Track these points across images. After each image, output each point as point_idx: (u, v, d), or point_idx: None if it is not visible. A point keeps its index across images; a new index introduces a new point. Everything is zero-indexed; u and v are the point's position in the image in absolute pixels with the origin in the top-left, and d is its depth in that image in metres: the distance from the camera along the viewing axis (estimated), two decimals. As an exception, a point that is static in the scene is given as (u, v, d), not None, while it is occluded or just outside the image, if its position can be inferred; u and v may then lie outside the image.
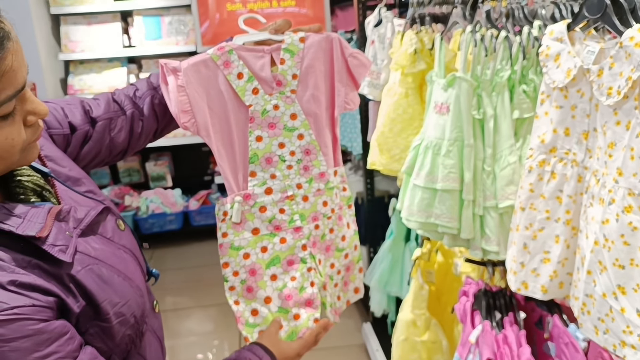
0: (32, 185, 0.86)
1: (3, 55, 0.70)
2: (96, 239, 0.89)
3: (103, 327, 0.83)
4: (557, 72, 0.98)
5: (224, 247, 1.26)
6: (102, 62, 4.16)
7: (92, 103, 1.17)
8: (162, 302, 3.81)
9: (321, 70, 1.26)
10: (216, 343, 3.13)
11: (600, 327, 0.90)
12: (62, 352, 0.75)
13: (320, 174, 1.27)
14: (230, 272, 1.27)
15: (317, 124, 1.26)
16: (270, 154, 1.23)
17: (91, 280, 0.82)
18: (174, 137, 4.14)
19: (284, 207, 1.25)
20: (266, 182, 1.23)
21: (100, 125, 1.15)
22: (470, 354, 1.44)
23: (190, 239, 4.31)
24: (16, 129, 0.75)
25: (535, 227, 1.05)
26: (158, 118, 1.24)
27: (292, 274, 1.26)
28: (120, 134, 1.18)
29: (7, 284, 0.72)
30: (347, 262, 1.35)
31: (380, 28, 2.24)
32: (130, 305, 0.87)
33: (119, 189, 4.34)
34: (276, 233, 1.24)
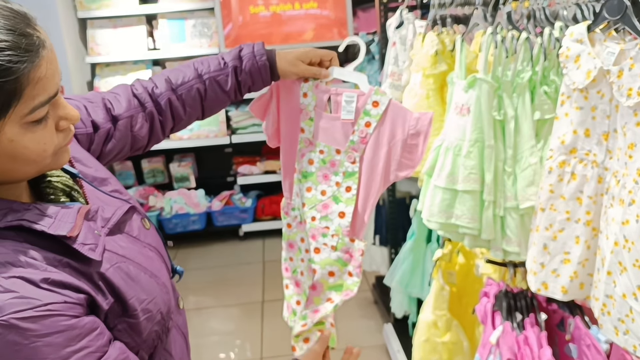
0: (61, 185, 0.89)
1: (38, 62, 0.72)
2: (123, 238, 0.91)
3: (130, 324, 0.85)
4: (577, 74, 0.98)
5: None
6: (127, 64, 4.24)
7: (112, 100, 1.18)
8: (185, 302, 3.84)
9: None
10: (238, 342, 3.16)
11: (620, 328, 0.90)
12: (93, 346, 0.77)
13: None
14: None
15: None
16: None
17: (119, 277, 0.84)
18: (198, 139, 4.19)
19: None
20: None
21: (122, 123, 1.17)
22: (491, 355, 1.44)
23: (213, 239, 4.35)
24: (48, 133, 0.78)
25: (556, 228, 1.05)
26: (175, 118, 1.26)
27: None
28: (141, 130, 1.20)
29: (40, 282, 0.74)
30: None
31: (401, 29, 2.25)
32: (157, 302, 0.90)
33: (143, 189, 4.40)
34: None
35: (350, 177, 1.30)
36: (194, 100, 1.26)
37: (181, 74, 1.26)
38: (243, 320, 3.32)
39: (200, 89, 1.26)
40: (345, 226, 1.30)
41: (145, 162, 4.47)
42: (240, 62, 1.27)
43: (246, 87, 1.30)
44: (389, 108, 1.28)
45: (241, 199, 4.43)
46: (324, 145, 1.32)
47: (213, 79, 1.26)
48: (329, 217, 1.32)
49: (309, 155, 1.33)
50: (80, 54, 4.12)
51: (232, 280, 3.79)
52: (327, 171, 1.33)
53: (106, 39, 4.14)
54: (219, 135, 4.21)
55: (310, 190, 1.34)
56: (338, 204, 1.31)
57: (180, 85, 1.25)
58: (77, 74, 4.02)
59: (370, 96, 1.29)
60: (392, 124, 1.29)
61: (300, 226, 1.37)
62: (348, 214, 1.30)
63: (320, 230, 1.33)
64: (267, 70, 1.27)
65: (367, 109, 1.28)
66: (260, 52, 1.27)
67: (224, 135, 4.21)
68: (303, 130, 1.33)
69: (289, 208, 1.38)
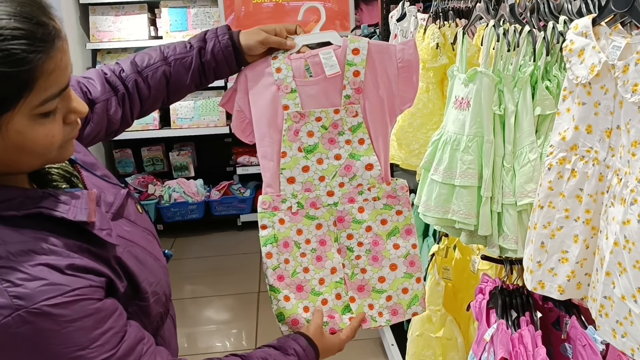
0: (62, 172, 0.89)
1: (54, 53, 0.70)
2: (125, 222, 0.92)
3: (141, 306, 0.88)
4: (581, 68, 0.95)
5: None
6: (129, 51, 4.21)
7: (87, 84, 1.18)
8: (182, 291, 3.86)
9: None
10: (234, 332, 3.16)
11: (618, 330, 0.88)
12: (117, 326, 0.80)
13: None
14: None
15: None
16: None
17: (132, 261, 0.86)
18: (198, 128, 4.17)
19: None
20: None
21: (99, 106, 1.17)
22: (485, 352, 1.43)
23: (211, 228, 4.35)
24: (56, 126, 0.76)
25: (554, 226, 1.03)
26: (141, 101, 1.26)
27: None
28: (116, 114, 1.20)
29: (66, 268, 0.75)
30: (391, 304, 1.34)
31: (403, 22, 2.22)
32: (162, 284, 0.92)
33: (142, 177, 4.38)
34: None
35: (357, 130, 1.29)
36: (159, 82, 1.25)
37: (147, 57, 1.26)
38: (239, 309, 3.32)
39: (165, 71, 1.25)
40: (378, 175, 1.30)
41: (144, 150, 4.46)
42: (205, 43, 1.27)
43: (211, 70, 1.28)
44: (371, 50, 1.27)
45: (240, 189, 4.42)
46: (320, 111, 1.29)
47: (178, 60, 1.25)
48: (357, 175, 1.30)
49: (305, 128, 1.29)
50: (82, 40, 4.09)
51: (229, 270, 3.79)
52: (331, 135, 1.29)
53: (108, 26, 4.12)
54: (218, 125, 4.19)
55: (322, 162, 1.30)
56: (359, 159, 1.29)
57: (145, 68, 1.24)
58: (78, 59, 4.00)
59: (347, 46, 1.26)
60: (380, 64, 1.27)
61: (295, 217, 1.32)
62: (374, 162, 1.30)
63: (355, 190, 1.31)
64: (230, 48, 1.25)
65: (349, 59, 1.26)
66: (223, 31, 1.27)
67: (224, 125, 4.18)
68: (287, 106, 1.28)
69: (278, 201, 1.33)
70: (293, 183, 1.31)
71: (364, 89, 1.27)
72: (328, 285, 1.33)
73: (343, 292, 1.34)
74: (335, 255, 1.33)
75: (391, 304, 1.33)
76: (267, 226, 1.33)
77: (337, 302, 1.33)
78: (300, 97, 1.28)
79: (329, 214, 1.32)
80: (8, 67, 0.66)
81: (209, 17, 4.15)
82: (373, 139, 1.30)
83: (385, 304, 1.33)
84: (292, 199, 1.32)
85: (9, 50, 0.66)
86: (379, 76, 1.28)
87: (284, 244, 1.33)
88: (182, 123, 4.17)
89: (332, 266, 1.33)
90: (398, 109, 1.32)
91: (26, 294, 0.71)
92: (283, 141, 1.29)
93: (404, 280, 1.33)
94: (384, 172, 1.31)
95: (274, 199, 1.32)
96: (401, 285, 1.33)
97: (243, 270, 3.71)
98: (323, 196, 1.31)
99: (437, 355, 1.91)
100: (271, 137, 1.31)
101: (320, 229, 1.33)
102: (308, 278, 1.32)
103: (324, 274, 1.33)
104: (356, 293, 1.33)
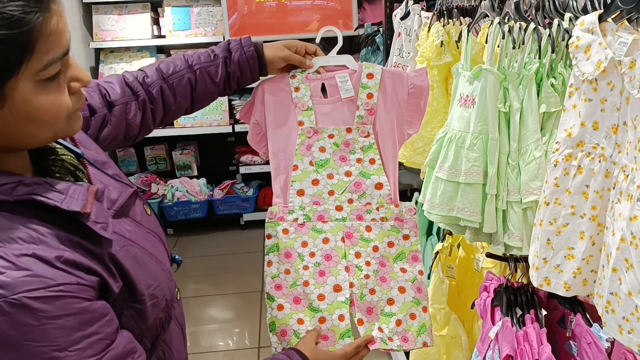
0: (67, 164, 0.87)
1: (49, 15, 0.70)
2: (128, 221, 0.89)
3: (137, 309, 0.83)
4: (587, 64, 0.95)
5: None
6: (131, 51, 4.22)
7: (107, 87, 1.20)
8: (185, 289, 3.86)
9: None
10: (237, 331, 3.16)
11: (624, 327, 0.88)
12: (103, 333, 0.74)
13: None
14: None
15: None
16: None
17: (128, 261, 0.82)
18: (201, 127, 4.18)
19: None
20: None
21: (117, 109, 1.18)
22: (490, 350, 1.42)
23: (214, 227, 4.36)
24: (62, 94, 0.75)
25: (560, 223, 1.02)
26: (165, 107, 1.28)
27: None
28: (135, 118, 1.22)
29: (54, 260, 0.71)
30: (400, 329, 1.31)
31: (407, 21, 2.22)
32: (162, 288, 0.88)
33: (145, 176, 4.39)
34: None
35: (369, 150, 1.32)
36: (184, 89, 1.28)
37: (172, 64, 1.28)
38: (242, 308, 3.32)
39: (191, 78, 1.28)
40: (387, 195, 1.32)
41: (147, 149, 4.46)
42: (230, 53, 1.31)
43: (235, 79, 1.32)
44: (384, 75, 1.33)
45: (243, 188, 4.42)
46: (333, 129, 1.33)
47: (204, 69, 1.29)
48: (366, 193, 1.32)
49: (318, 144, 1.33)
50: (85, 39, 4.10)
51: (232, 269, 3.79)
52: (342, 153, 1.33)
53: (111, 25, 4.13)
54: (221, 124, 4.19)
55: (332, 177, 1.33)
56: (370, 178, 1.32)
57: (171, 75, 1.27)
58: (81, 58, 4.01)
59: (362, 71, 1.33)
60: (392, 88, 1.33)
61: (301, 229, 1.32)
62: (384, 182, 1.32)
63: (364, 209, 1.32)
64: (255, 60, 1.30)
65: (363, 82, 1.32)
66: (248, 42, 1.31)
67: (227, 124, 4.19)
68: (302, 123, 1.33)
69: (285, 212, 1.33)
70: (302, 195, 1.32)
71: (376, 111, 1.32)
72: (330, 304, 1.30)
73: (347, 313, 1.31)
74: (341, 272, 1.32)
75: (401, 329, 1.31)
76: (271, 235, 1.34)
77: (339, 324, 1.29)
78: (315, 115, 1.33)
79: (337, 228, 1.33)
80: (8, 30, 0.65)
81: (212, 16, 4.15)
82: (384, 160, 1.33)
83: (395, 329, 1.30)
84: (300, 211, 1.33)
85: (7, 13, 0.65)
86: (390, 100, 1.33)
87: (285, 254, 1.32)
88: (185, 122, 4.17)
89: (335, 283, 1.30)
90: (406, 133, 1.37)
91: (7, 283, 0.66)
92: (295, 155, 1.33)
93: (412, 305, 1.32)
94: (393, 194, 1.33)
95: (281, 209, 1.34)
96: (409, 310, 1.32)
97: (246, 269, 3.71)
98: (332, 210, 1.33)
99: (441, 354, 1.91)
100: (285, 151, 1.35)
101: (327, 243, 1.32)
102: (307, 292, 1.30)
103: (324, 290, 1.30)
104: (365, 315, 1.30)
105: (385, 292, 1.31)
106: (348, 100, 1.32)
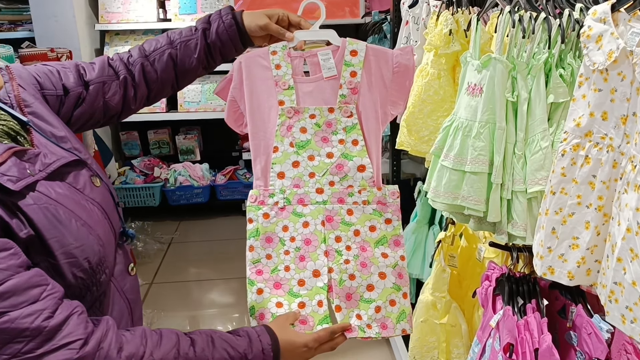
0: (6, 129, 0.93)
1: None
2: (62, 185, 0.95)
3: (52, 264, 0.89)
4: (598, 54, 0.95)
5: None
6: (137, 33, 4.21)
7: (87, 67, 1.25)
8: (186, 273, 3.88)
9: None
10: (236, 316, 3.18)
11: (627, 316, 0.88)
12: (4, 264, 0.81)
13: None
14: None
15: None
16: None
17: (42, 216, 0.88)
18: (205, 112, 4.17)
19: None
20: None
21: (93, 88, 1.22)
22: (490, 338, 1.43)
23: (216, 213, 4.36)
24: None
25: (565, 212, 1.03)
26: (148, 84, 1.30)
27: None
28: (114, 97, 1.25)
29: None
30: (379, 316, 1.29)
31: (415, 9, 2.20)
32: (85, 250, 0.93)
33: (148, 160, 4.39)
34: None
35: (351, 130, 1.28)
36: (166, 65, 1.30)
37: (154, 42, 1.32)
38: (242, 294, 3.30)
39: (172, 53, 1.30)
40: (370, 177, 1.29)
41: (151, 133, 4.46)
42: (209, 25, 1.32)
43: (217, 51, 1.33)
44: (368, 52, 1.28)
45: (245, 174, 4.43)
46: (314, 109, 1.29)
47: (184, 43, 1.31)
48: (348, 175, 1.29)
49: (299, 124, 1.29)
50: (90, 21, 4.08)
51: (233, 254, 3.80)
52: (324, 133, 1.29)
53: (117, 8, 4.11)
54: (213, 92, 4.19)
55: (313, 159, 1.29)
56: (352, 160, 1.28)
57: (152, 52, 1.30)
58: (86, 40, 4.00)
59: (345, 47, 1.29)
60: (377, 66, 1.29)
61: (281, 213, 1.30)
62: (367, 165, 1.29)
63: (345, 192, 1.29)
64: (234, 28, 1.30)
65: (347, 60, 1.28)
66: (226, 11, 1.32)
67: (231, 109, 4.18)
68: (282, 102, 1.29)
69: (265, 196, 1.31)
70: (282, 178, 1.30)
71: (360, 90, 1.28)
72: (310, 290, 1.29)
73: (325, 299, 1.28)
74: (320, 257, 1.29)
75: (380, 316, 1.29)
76: (252, 220, 1.33)
77: (318, 310, 1.28)
78: (297, 94, 1.29)
79: (317, 212, 1.30)
80: None
81: (218, 0, 4.13)
82: (367, 141, 1.30)
83: (374, 316, 1.28)
84: (280, 194, 1.30)
85: None
86: (375, 78, 1.29)
87: (266, 239, 1.32)
88: (189, 107, 4.17)
89: (314, 268, 1.29)
90: (389, 113, 1.34)
91: None
92: (276, 136, 1.29)
93: (392, 292, 1.30)
94: (375, 176, 1.31)
95: (262, 193, 1.32)
96: (389, 296, 1.30)
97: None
98: (312, 193, 1.29)
99: (440, 342, 1.92)
100: (265, 131, 1.31)
101: (307, 227, 1.30)
102: (288, 277, 1.30)
103: (304, 275, 1.29)
104: (344, 302, 1.28)
105: (365, 277, 1.29)
106: (330, 78, 1.29)
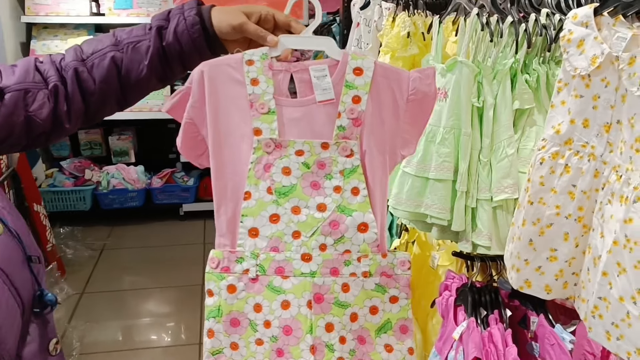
0: None
1: None
2: None
3: None
4: (580, 59, 0.92)
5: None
6: (67, 28, 3.97)
7: (5, 69, 0.96)
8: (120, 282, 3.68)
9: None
10: (172, 325, 3.03)
11: (613, 333, 0.85)
12: None
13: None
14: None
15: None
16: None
17: None
18: (140, 112, 3.98)
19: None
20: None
21: (10, 97, 0.93)
22: (452, 351, 1.39)
23: (152, 217, 4.19)
24: None
25: (543, 223, 0.99)
26: (84, 96, 1.00)
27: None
28: (41, 111, 0.95)
29: None
30: None
31: (367, 10, 2.16)
32: None
33: (79, 162, 4.17)
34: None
35: (351, 174, 0.97)
36: (108, 72, 0.99)
37: (96, 42, 1.02)
38: (179, 302, 3.19)
39: (116, 57, 1.00)
40: (373, 240, 0.98)
41: (82, 133, 4.23)
42: (167, 22, 1.01)
43: (175, 56, 1.02)
44: (377, 72, 0.96)
45: (183, 177, 4.28)
46: (302, 143, 0.97)
47: (132, 45, 1.00)
48: (345, 237, 0.97)
49: (281, 163, 0.97)
50: (15, 13, 3.81)
51: (170, 261, 3.65)
52: (315, 177, 0.97)
53: (45, -1, 3.86)
54: (162, 110, 4.02)
55: (298, 212, 0.97)
56: (351, 215, 0.97)
57: (91, 55, 1.00)
58: (11, 33, 3.72)
59: (347, 63, 0.96)
60: (387, 91, 0.98)
61: (253, 285, 0.97)
62: (370, 222, 0.97)
63: (341, 258, 0.97)
64: (198, 28, 0.99)
65: (348, 80, 0.96)
66: (191, 5, 1.01)
67: (169, 109, 4.02)
68: (259, 131, 0.96)
69: (231, 261, 0.98)
70: (256, 237, 0.98)
71: (364, 120, 0.97)
72: None
73: None
74: (304, 354, 0.96)
75: None
76: (213, 292, 0.98)
77: None
78: (279, 121, 0.97)
79: (302, 287, 0.97)
80: None
81: (157, -6, 3.96)
82: (371, 191, 0.98)
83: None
84: (252, 260, 0.98)
85: None
86: (384, 107, 0.98)
87: (231, 321, 0.98)
88: (124, 106, 3.98)
89: None
90: (399, 154, 1.02)
91: None
92: (248, 177, 0.97)
93: None
94: (380, 238, 0.99)
95: (227, 256, 0.98)
96: None
97: (185, 262, 3.57)
98: (295, 260, 0.97)
99: (395, 352, 1.88)
100: (233, 169, 0.99)
101: (287, 308, 0.97)
102: None
103: None
104: None
105: None
106: (326, 103, 0.98)
